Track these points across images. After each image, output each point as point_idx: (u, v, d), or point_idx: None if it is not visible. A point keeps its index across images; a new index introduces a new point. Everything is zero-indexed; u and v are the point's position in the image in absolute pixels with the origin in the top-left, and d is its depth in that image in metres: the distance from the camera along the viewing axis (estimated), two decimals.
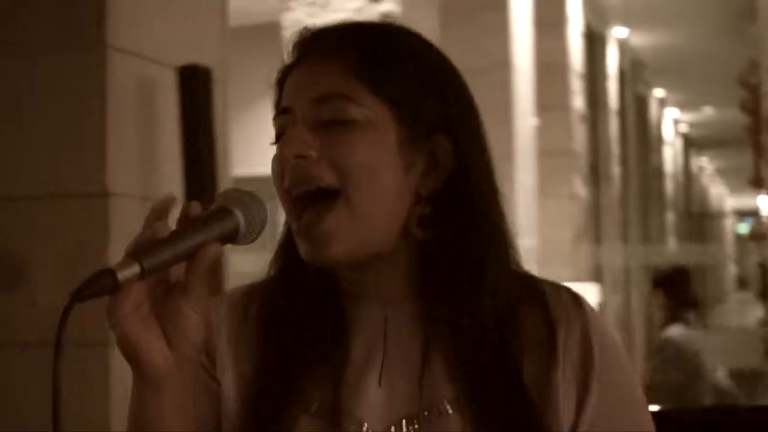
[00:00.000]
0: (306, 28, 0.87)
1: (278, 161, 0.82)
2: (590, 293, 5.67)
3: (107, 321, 0.72)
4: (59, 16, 2.20)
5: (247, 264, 1.14)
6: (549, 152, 6.31)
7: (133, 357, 0.72)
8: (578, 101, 6.79)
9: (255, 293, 0.89)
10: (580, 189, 6.64)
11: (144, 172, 2.19)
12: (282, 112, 0.84)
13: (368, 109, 0.81)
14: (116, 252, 2.10)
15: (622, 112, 9.33)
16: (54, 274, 2.14)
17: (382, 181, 0.81)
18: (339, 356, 0.83)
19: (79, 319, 0.69)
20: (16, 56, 2.25)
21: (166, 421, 0.74)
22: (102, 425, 2.03)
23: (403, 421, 0.81)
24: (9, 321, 2.17)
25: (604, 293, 6.51)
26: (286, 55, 0.86)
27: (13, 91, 2.24)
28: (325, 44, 0.83)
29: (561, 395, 0.82)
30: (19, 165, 2.20)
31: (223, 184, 2.28)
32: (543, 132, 6.24)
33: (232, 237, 0.76)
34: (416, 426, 0.81)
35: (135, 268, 0.69)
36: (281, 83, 0.86)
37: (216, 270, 0.77)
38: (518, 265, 0.89)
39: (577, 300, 0.87)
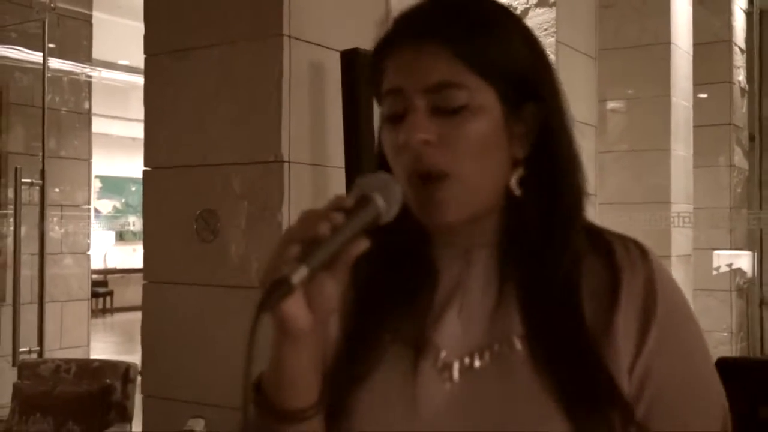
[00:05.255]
0: (411, 7, 0.84)
1: (400, 142, 0.80)
2: (744, 259, 5.26)
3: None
4: (248, 11, 2.29)
5: None
6: (711, 124, 5.91)
7: (281, 319, 0.74)
8: (740, 75, 6.27)
9: None
10: (740, 159, 6.15)
11: (313, 143, 2.26)
12: (394, 92, 0.82)
13: (477, 92, 0.79)
14: (291, 209, 2.20)
15: None
16: (242, 228, 2.26)
17: (491, 157, 0.81)
18: (427, 294, 0.85)
19: None
20: (216, 46, 2.37)
21: (302, 369, 0.78)
22: None
23: (476, 352, 0.81)
24: (208, 266, 2.32)
25: (763, 259, 6.02)
26: (388, 27, 0.84)
27: (215, 76, 2.37)
28: (431, 28, 0.81)
29: (621, 336, 0.79)
30: (215, 137, 2.33)
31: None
32: (706, 105, 5.84)
33: (377, 220, 0.76)
34: (487, 357, 0.81)
35: (304, 271, 0.70)
36: (381, 54, 0.84)
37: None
38: (588, 218, 0.86)
39: (643, 251, 0.83)
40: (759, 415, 1.15)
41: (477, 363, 0.81)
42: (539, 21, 3.60)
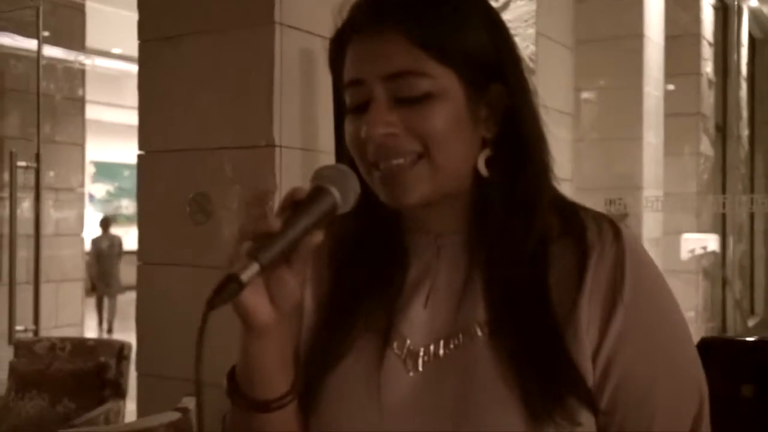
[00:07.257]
0: None
1: (361, 135, 0.75)
2: (711, 242, 5.28)
3: None
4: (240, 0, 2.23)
5: None
6: (680, 114, 5.90)
7: (243, 314, 0.71)
8: (708, 68, 6.27)
9: (329, 226, 0.86)
10: (707, 147, 6.17)
11: (304, 128, 2.20)
12: (354, 83, 0.77)
13: (438, 78, 0.75)
14: (282, 193, 2.15)
15: (752, 78, 8.56)
16: (233, 211, 2.21)
17: (458, 138, 0.76)
18: (396, 282, 0.80)
19: None
20: (209, 33, 2.31)
21: (270, 362, 0.75)
22: None
23: (441, 341, 0.77)
24: (200, 248, 2.27)
25: (728, 242, 6.05)
26: (343, 16, 0.79)
27: (207, 62, 2.30)
28: (389, 15, 0.75)
29: (584, 321, 0.73)
30: (208, 122, 2.27)
31: None
32: (675, 95, 5.83)
33: (332, 212, 0.72)
34: (451, 346, 0.76)
35: (255, 267, 0.66)
36: (340, 42, 0.79)
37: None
38: (560, 194, 0.81)
39: (616, 230, 0.77)
40: (741, 394, 1.11)
41: (441, 352, 0.76)
42: (520, 12, 3.56)
